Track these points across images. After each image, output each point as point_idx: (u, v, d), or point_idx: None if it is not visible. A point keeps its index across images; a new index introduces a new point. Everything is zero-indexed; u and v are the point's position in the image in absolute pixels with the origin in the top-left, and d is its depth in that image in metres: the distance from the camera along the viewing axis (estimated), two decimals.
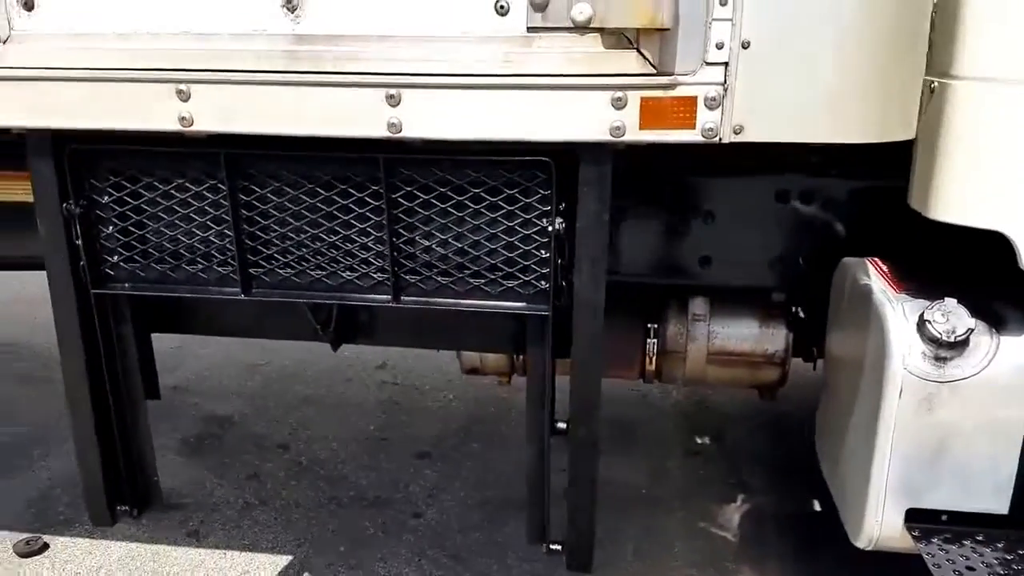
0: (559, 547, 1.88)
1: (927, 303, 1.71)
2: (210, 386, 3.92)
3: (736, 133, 1.49)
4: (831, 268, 2.02)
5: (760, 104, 1.47)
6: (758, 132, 1.48)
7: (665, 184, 2.08)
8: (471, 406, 3.72)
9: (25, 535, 2.76)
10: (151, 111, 1.57)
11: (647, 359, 2.32)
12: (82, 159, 1.70)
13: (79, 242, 1.72)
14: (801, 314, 2.29)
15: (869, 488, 1.77)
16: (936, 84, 1.54)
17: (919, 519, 1.78)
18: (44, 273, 1.77)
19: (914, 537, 1.77)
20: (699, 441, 3.47)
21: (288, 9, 1.52)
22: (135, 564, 2.67)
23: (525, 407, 1.84)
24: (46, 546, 2.73)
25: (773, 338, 2.29)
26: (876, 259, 1.89)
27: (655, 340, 2.29)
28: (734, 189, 2.10)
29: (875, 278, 1.83)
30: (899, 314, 1.73)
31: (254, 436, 3.48)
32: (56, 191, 1.70)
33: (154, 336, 1.94)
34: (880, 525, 1.79)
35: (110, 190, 1.72)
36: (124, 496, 1.96)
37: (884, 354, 1.71)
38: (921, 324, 1.70)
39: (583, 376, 1.69)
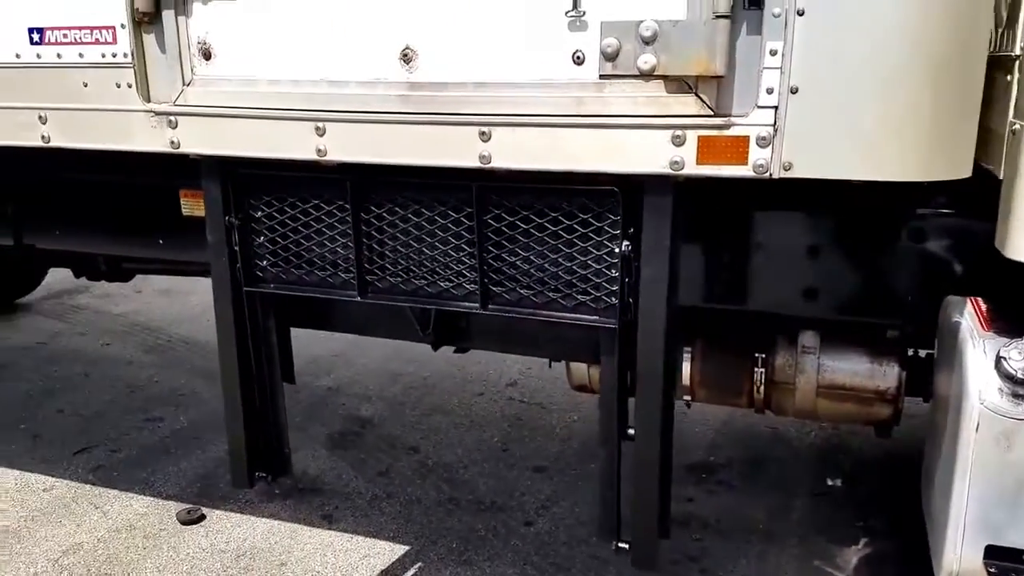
0: (627, 545, 2.03)
1: (1007, 341, 1.73)
2: (358, 390, 4.34)
3: (785, 170, 1.62)
4: None
5: (807, 143, 1.59)
6: (806, 169, 1.61)
7: (772, 217, 2.18)
8: (593, 427, 3.87)
9: (187, 506, 3.21)
10: (295, 144, 1.93)
11: (755, 388, 2.40)
12: (242, 181, 2.10)
13: (237, 248, 2.12)
14: (919, 352, 2.29)
15: (948, 522, 1.79)
16: (1019, 127, 1.60)
17: (999, 556, 1.78)
18: None
19: (990, 574, 1.77)
20: (829, 483, 3.43)
21: (404, 61, 1.82)
22: (275, 539, 3.04)
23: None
24: (203, 516, 3.16)
25: (885, 375, 2.30)
26: (978, 298, 1.91)
27: (763, 370, 2.37)
28: (842, 224, 2.16)
29: (968, 316, 1.86)
30: (979, 351, 1.76)
31: (389, 437, 3.82)
32: (221, 207, 2.10)
33: (318, 341, 2.26)
34: (959, 560, 1.80)
35: (262, 207, 2.11)
36: (261, 464, 2.32)
37: (963, 390, 1.75)
38: (998, 361, 1.73)
39: (646, 389, 1.85)
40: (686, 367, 2.34)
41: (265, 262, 2.15)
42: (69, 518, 3.13)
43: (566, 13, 1.69)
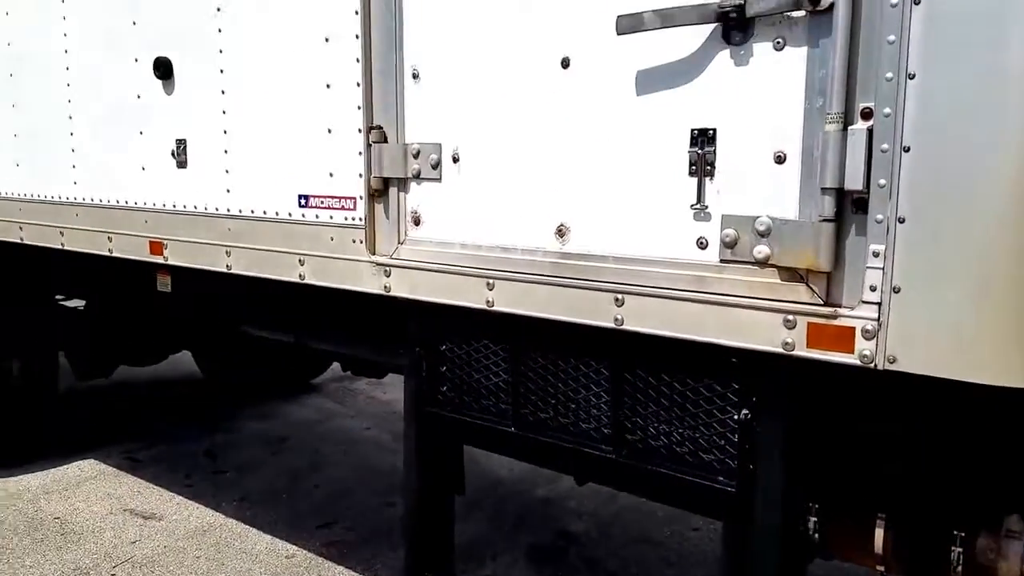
0: None
1: None
2: (572, 504, 4.55)
3: (890, 363, 1.65)
4: None
5: (910, 340, 1.62)
6: (909, 364, 1.63)
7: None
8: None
9: None
10: (471, 295, 2.31)
11: (952, 568, 2.29)
12: (431, 320, 2.52)
13: (424, 374, 2.53)
14: None
15: None
16: None
17: None
18: None
19: None
20: None
21: (558, 235, 2.14)
22: None
23: None
24: None
25: None
26: None
27: (960, 549, 2.26)
28: None
29: None
30: None
31: (591, 559, 3.95)
32: (416, 339, 2.54)
33: None
34: None
35: (445, 342, 2.51)
36: (430, 566, 2.66)
37: None
38: None
39: (760, 554, 1.90)
40: (879, 534, 2.28)
41: (445, 387, 2.53)
42: None
43: (691, 206, 1.90)
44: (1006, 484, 1.89)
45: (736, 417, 1.97)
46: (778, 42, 1.74)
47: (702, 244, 1.91)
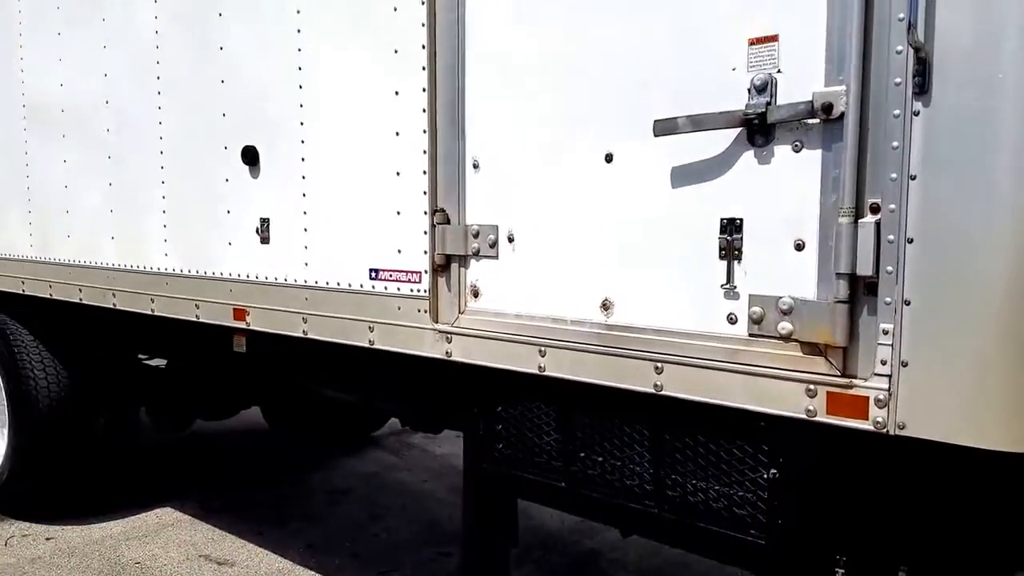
0: None
1: None
2: (618, 555, 4.68)
3: (900, 428, 1.84)
4: None
5: (918, 408, 1.82)
6: (917, 430, 1.82)
7: None
8: None
9: None
10: (525, 361, 2.55)
11: None
12: (488, 383, 2.77)
13: (481, 432, 2.78)
14: None
15: None
16: None
17: None
18: None
19: None
20: None
21: (603, 308, 2.38)
22: None
23: None
24: None
25: None
26: None
27: None
28: None
29: None
30: None
31: None
32: (475, 403, 2.80)
33: None
34: None
35: (501, 403, 2.76)
36: None
37: None
38: None
39: None
40: None
41: (500, 445, 2.77)
42: None
43: (721, 285, 2.14)
44: (1014, 542, 2.04)
45: (765, 476, 2.16)
46: (796, 145, 1.98)
47: (732, 320, 2.13)
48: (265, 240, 3.35)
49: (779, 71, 1.99)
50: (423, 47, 2.75)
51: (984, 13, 1.70)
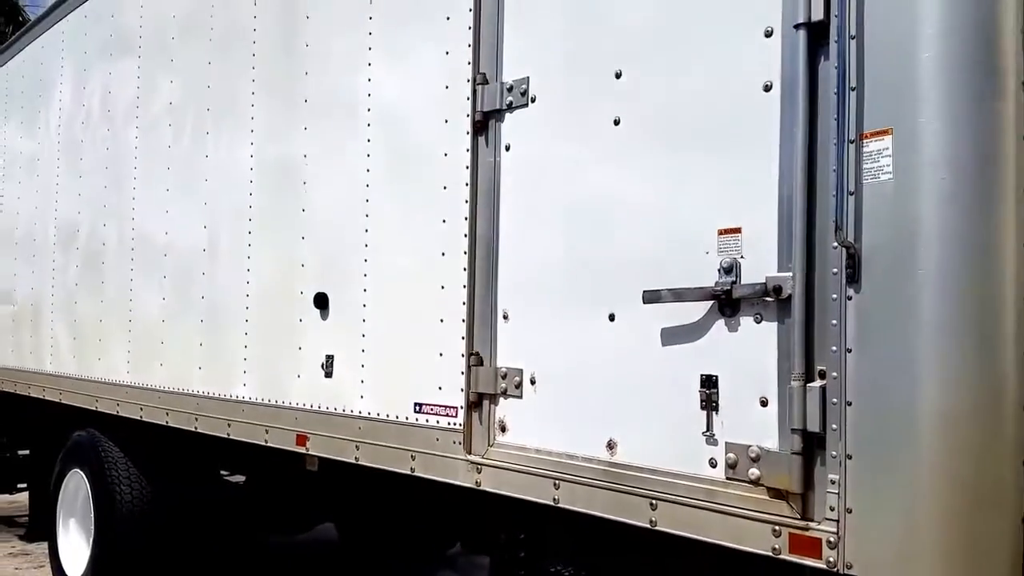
0: None
1: None
2: None
3: (848, 568, 2.11)
4: None
5: (863, 552, 2.09)
6: (863, 572, 2.08)
7: None
8: None
9: None
10: (541, 492, 2.90)
11: None
12: (511, 511, 3.11)
13: (505, 555, 3.10)
14: None
15: None
16: None
17: None
18: None
19: None
20: None
21: (608, 448, 2.74)
22: None
23: None
24: None
25: None
26: None
27: None
28: None
29: None
30: None
31: None
32: (500, 527, 3.13)
33: None
34: None
35: (521, 531, 3.09)
36: None
37: None
38: None
39: None
40: None
41: (522, 572, 3.08)
42: None
43: (702, 433, 2.48)
44: None
45: None
46: (757, 317, 2.37)
47: (712, 464, 2.46)
48: (328, 374, 3.84)
49: (742, 257, 2.40)
50: (465, 219, 3.26)
51: (903, 222, 2.08)
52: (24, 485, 7.64)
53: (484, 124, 3.25)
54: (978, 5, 2.07)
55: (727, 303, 2.42)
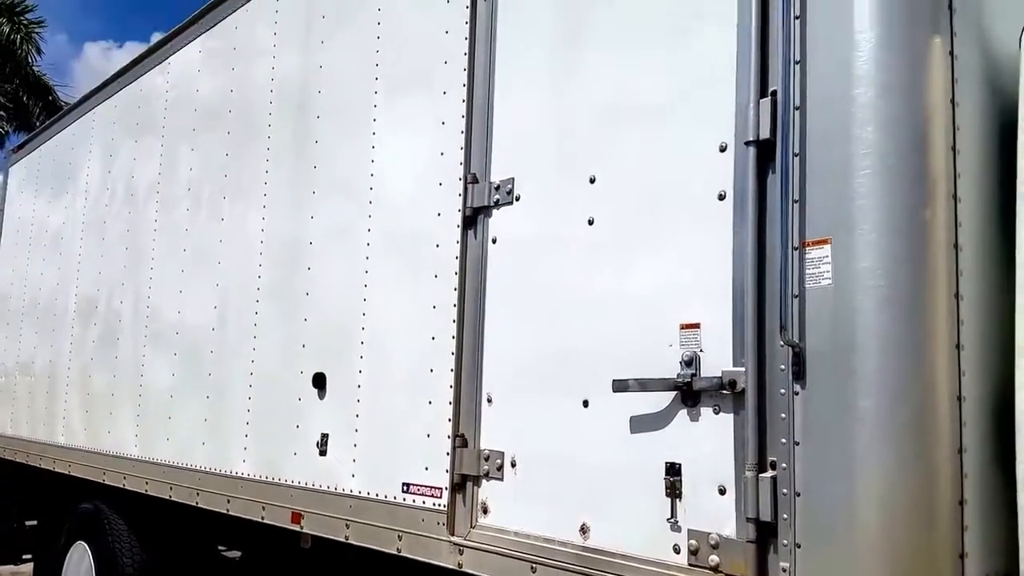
0: None
1: None
2: None
3: None
4: None
5: None
6: None
7: None
8: None
9: None
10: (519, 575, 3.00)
11: None
12: None
13: None
14: None
15: None
16: None
17: None
18: None
19: None
20: None
21: (582, 532, 2.85)
22: None
23: None
24: None
25: None
26: None
27: None
28: None
29: None
30: None
31: None
32: None
33: None
34: None
35: None
36: None
37: None
38: None
39: None
40: None
41: None
42: None
43: (667, 519, 2.59)
44: None
45: None
46: (715, 408, 2.51)
47: (676, 550, 2.57)
48: (323, 453, 3.98)
49: (702, 350, 2.56)
50: (454, 306, 3.45)
51: (841, 325, 2.24)
52: (29, 556, 7.72)
53: (473, 219, 3.47)
54: (911, 127, 2.27)
55: (688, 394, 2.57)
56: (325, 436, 4.00)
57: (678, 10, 2.78)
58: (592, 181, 2.99)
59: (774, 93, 2.40)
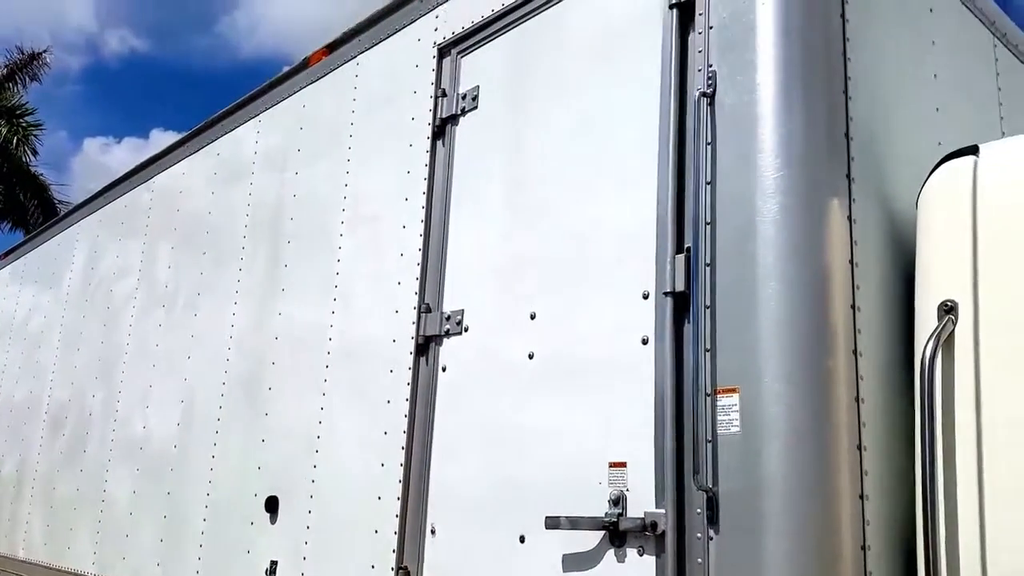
0: None
1: None
2: None
3: None
4: None
5: None
6: None
7: None
8: None
9: None
10: None
11: None
12: None
13: None
14: None
15: None
16: None
17: None
18: None
19: None
20: None
21: None
22: None
23: None
24: None
25: None
26: None
27: None
28: None
29: None
30: None
31: None
32: None
33: None
34: None
35: None
36: None
37: None
38: None
39: None
40: None
41: None
42: None
43: None
44: None
45: None
46: (640, 550, 2.57)
47: None
48: None
49: (628, 490, 2.64)
50: (403, 432, 3.54)
51: (750, 472, 2.34)
52: None
53: (426, 347, 3.60)
54: (810, 286, 2.44)
55: (615, 534, 2.63)
56: (274, 564, 3.99)
57: (608, 171, 3.00)
58: (532, 317, 3.14)
59: (688, 250, 2.58)
